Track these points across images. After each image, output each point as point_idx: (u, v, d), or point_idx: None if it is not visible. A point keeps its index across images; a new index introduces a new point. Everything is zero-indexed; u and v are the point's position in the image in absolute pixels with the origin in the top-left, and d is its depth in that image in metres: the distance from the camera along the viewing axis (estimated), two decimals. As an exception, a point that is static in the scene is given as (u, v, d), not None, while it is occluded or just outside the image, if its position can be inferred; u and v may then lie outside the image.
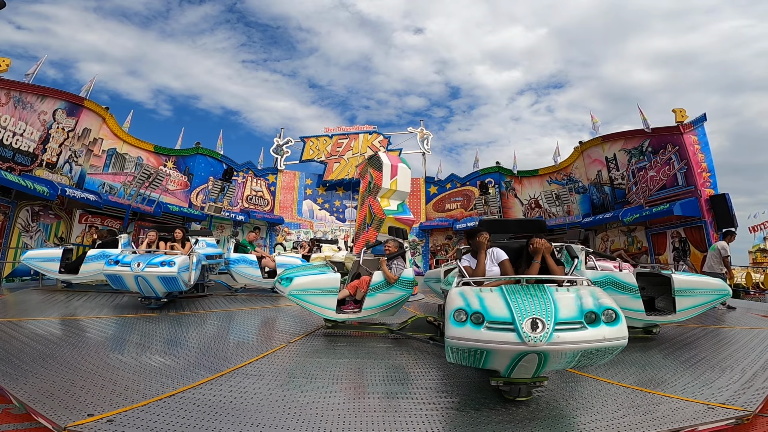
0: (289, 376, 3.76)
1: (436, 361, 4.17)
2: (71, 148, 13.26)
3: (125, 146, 15.85)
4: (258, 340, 5.23)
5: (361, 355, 4.50)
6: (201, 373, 3.63)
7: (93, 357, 4.02)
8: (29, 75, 11.78)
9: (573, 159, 17.56)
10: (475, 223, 19.19)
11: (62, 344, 4.41)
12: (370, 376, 3.77)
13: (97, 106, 14.00)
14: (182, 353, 4.29)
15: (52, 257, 8.50)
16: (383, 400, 3.16)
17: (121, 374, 3.51)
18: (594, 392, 3.33)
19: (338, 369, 3.91)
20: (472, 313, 2.54)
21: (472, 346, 2.52)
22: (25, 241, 11.74)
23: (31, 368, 3.50)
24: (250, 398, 3.06)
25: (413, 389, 3.38)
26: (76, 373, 3.47)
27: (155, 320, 5.98)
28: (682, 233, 12.79)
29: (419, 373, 3.82)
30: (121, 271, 6.28)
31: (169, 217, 15.93)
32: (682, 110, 12.89)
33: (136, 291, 6.69)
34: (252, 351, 4.47)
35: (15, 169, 11.24)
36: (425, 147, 23.71)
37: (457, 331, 2.54)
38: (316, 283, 5.10)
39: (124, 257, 6.50)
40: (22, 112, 11.33)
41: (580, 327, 2.49)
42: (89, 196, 12.94)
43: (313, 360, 4.27)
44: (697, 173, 12.45)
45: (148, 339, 4.87)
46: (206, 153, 19.14)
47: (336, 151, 23.51)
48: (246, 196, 21.14)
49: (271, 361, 4.15)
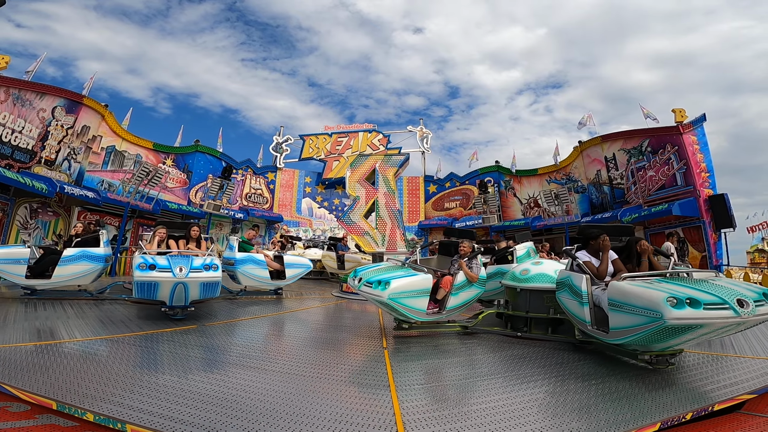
0: (460, 386, 3.69)
1: (539, 350, 4.73)
2: (70, 146, 13.24)
3: (124, 144, 15.83)
4: (351, 347, 4.99)
5: (471, 352, 4.75)
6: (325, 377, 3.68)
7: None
8: (29, 72, 11.77)
9: (572, 158, 17.58)
10: (474, 222, 19.26)
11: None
12: (507, 369, 4.03)
13: (96, 103, 13.98)
14: (300, 365, 4.06)
15: (16, 257, 6.53)
16: (553, 393, 3.35)
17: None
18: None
19: (474, 367, 4.18)
20: (686, 299, 3.16)
21: (696, 323, 3.16)
22: (24, 238, 11.74)
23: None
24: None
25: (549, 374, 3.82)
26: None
27: (207, 333, 5.23)
28: (681, 233, 12.80)
29: (543, 361, 4.28)
30: (159, 278, 5.22)
31: (167, 215, 15.90)
32: (682, 110, 12.90)
33: (160, 300, 5.63)
34: (362, 359, 4.47)
35: (14, 166, 11.23)
36: (425, 146, 23.69)
37: (679, 313, 3.14)
38: (413, 285, 4.91)
39: (160, 261, 5.41)
40: (21, 109, 11.32)
41: (765, 303, 3.23)
42: (88, 194, 12.92)
43: (438, 362, 4.41)
44: (696, 173, 12.46)
45: (251, 358, 4.23)
46: (205, 151, 19.12)
47: (335, 150, 23.50)
48: (245, 194, 21.12)
49: (404, 370, 3.99)
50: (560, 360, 4.33)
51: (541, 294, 5.39)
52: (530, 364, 4.17)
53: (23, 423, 2.70)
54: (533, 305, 5.46)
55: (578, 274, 4.40)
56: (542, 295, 5.39)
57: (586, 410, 2.92)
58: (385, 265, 5.61)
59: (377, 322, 6.56)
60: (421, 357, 4.55)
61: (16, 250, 6.70)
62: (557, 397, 3.24)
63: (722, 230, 12.07)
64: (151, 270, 5.25)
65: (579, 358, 4.43)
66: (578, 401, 3.11)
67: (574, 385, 3.51)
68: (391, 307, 4.83)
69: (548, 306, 5.37)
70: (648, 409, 2.95)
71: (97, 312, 6.19)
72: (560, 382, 3.58)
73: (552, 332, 5.36)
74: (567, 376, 3.75)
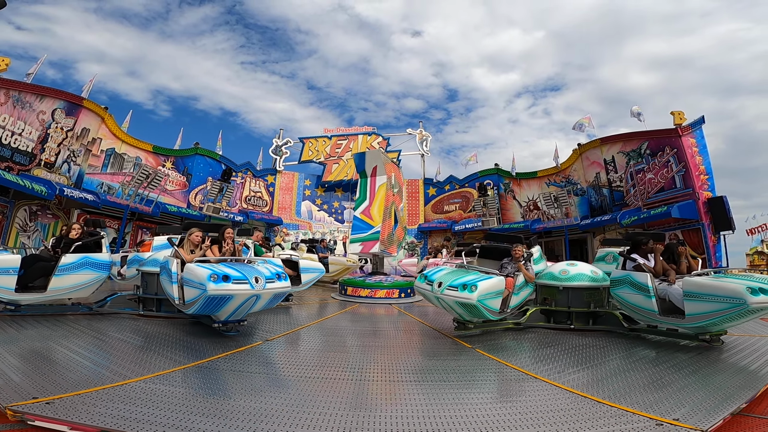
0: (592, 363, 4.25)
1: (598, 340, 5.38)
2: (70, 148, 13.28)
3: (124, 146, 15.87)
4: (440, 351, 4.98)
5: (543, 345, 5.20)
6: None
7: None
8: (30, 75, 11.82)
9: (572, 161, 17.57)
10: (473, 224, 19.31)
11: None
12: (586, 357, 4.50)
13: (96, 105, 14.03)
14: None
15: (2, 266, 5.13)
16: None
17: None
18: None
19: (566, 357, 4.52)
20: (758, 288, 4.04)
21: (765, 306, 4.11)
22: (23, 240, 11.76)
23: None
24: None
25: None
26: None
27: (281, 347, 4.88)
28: (680, 236, 12.77)
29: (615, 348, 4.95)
30: (235, 291, 4.37)
31: (167, 218, 15.93)
32: (681, 113, 12.89)
33: (218, 316, 4.85)
34: (469, 360, 4.52)
35: (13, 169, 11.26)
36: (424, 148, 23.71)
37: (758, 299, 4.01)
38: (494, 287, 5.12)
39: (231, 271, 4.50)
40: (21, 111, 11.36)
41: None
42: (87, 196, 12.96)
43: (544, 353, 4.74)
44: (695, 176, 12.44)
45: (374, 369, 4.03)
46: (205, 153, 19.15)
47: (335, 152, 23.52)
48: (245, 196, 21.14)
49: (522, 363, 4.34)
50: (628, 345, 5.14)
51: (581, 291, 6.10)
52: (611, 352, 4.77)
53: (9, 426, 2.69)
54: (574, 301, 6.11)
55: (640, 273, 5.23)
56: (582, 292, 6.10)
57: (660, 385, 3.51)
58: (446, 269, 5.67)
59: (419, 325, 6.66)
60: (512, 349, 5.02)
61: (2, 258, 5.24)
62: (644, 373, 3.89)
63: (721, 233, 12.04)
64: (225, 282, 4.35)
65: (635, 344, 5.26)
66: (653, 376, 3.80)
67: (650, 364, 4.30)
68: (476, 308, 4.93)
69: (588, 301, 6.10)
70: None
71: (114, 332, 5.12)
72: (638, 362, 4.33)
73: (592, 323, 6.13)
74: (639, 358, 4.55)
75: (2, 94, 10.84)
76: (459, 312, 5.21)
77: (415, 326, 6.64)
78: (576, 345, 5.07)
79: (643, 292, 5.10)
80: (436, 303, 5.44)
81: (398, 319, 7.37)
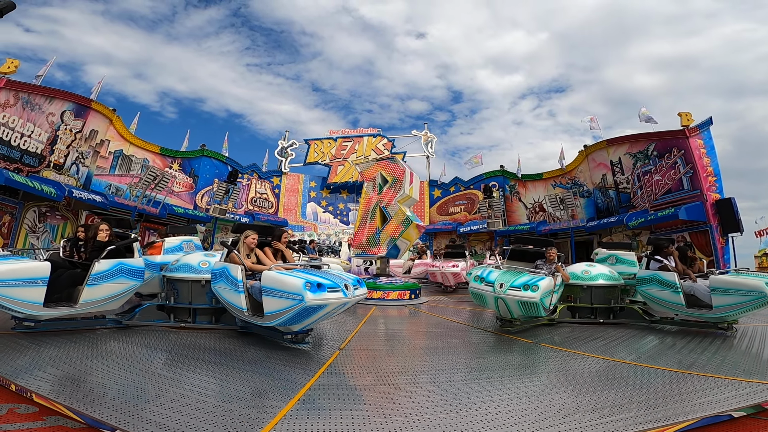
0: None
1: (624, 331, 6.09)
2: (78, 150, 13.38)
3: (132, 148, 15.98)
4: (512, 349, 5.18)
5: (591, 337, 5.67)
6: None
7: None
8: (39, 77, 11.94)
9: (578, 163, 17.52)
10: (479, 226, 19.31)
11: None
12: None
13: (104, 107, 14.13)
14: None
15: (30, 276, 4.24)
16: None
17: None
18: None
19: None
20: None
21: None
22: (32, 241, 11.85)
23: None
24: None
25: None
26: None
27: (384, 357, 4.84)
28: (688, 238, 12.70)
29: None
30: (331, 300, 4.09)
31: (174, 219, 16.02)
32: (688, 114, 12.83)
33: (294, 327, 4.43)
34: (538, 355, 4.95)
35: (22, 170, 11.36)
36: (429, 150, 23.72)
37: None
38: (549, 286, 5.55)
39: (323, 279, 4.18)
40: (30, 113, 11.46)
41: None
42: (95, 198, 13.06)
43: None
44: (702, 177, 12.37)
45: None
46: (211, 155, 19.25)
47: (340, 154, 23.57)
48: (250, 198, 21.22)
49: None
50: (657, 334, 5.96)
51: (602, 289, 6.80)
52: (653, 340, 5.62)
53: (31, 424, 2.72)
54: (596, 297, 6.78)
55: (667, 272, 6.03)
56: (603, 290, 6.80)
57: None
58: (496, 271, 5.97)
59: (456, 325, 6.84)
60: (572, 342, 5.39)
61: (28, 266, 4.32)
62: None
63: (729, 234, 11.96)
64: (320, 290, 4.03)
65: (659, 333, 6.07)
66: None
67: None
68: (537, 306, 5.29)
69: (608, 297, 6.81)
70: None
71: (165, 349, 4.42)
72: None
73: (613, 317, 6.83)
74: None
75: (12, 96, 10.95)
76: (517, 310, 5.51)
77: (456, 326, 6.77)
78: (615, 336, 5.70)
79: (671, 288, 5.87)
80: (492, 303, 5.72)
81: (429, 320, 7.58)
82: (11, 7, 6.72)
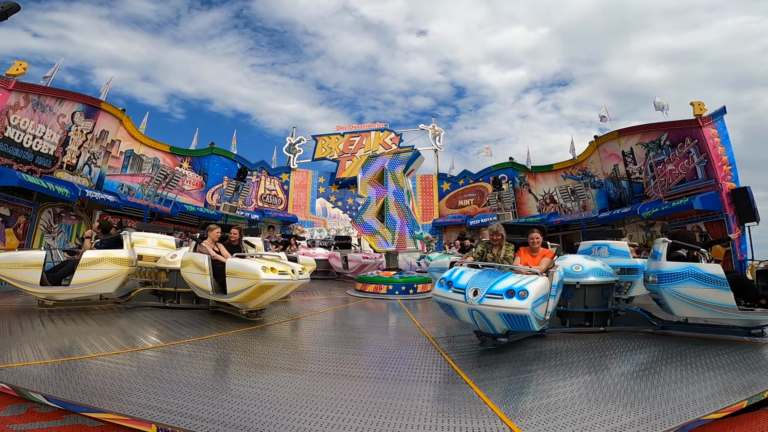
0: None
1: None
2: (90, 150, 13.53)
3: (142, 147, 16.11)
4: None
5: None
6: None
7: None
8: (47, 78, 12.04)
9: (588, 154, 17.30)
10: (489, 219, 19.17)
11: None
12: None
13: (113, 108, 14.25)
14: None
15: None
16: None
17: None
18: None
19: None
20: None
21: None
22: (48, 242, 12.05)
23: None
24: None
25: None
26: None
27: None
28: (703, 227, 12.50)
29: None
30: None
31: (185, 217, 16.17)
32: (701, 103, 12.58)
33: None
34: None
35: (36, 172, 11.53)
36: (437, 143, 23.56)
37: None
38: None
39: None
40: (41, 115, 11.60)
41: None
42: (108, 197, 13.22)
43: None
44: (717, 166, 12.13)
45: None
46: (220, 153, 19.35)
47: (348, 149, 23.54)
48: (260, 195, 21.32)
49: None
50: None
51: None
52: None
53: (51, 423, 2.77)
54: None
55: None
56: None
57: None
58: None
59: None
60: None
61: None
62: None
63: (746, 224, 11.73)
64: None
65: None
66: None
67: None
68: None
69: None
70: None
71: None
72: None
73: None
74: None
75: (22, 98, 11.06)
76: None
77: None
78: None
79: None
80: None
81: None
82: (15, 9, 6.75)
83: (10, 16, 5.63)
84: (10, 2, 5.66)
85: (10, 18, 5.88)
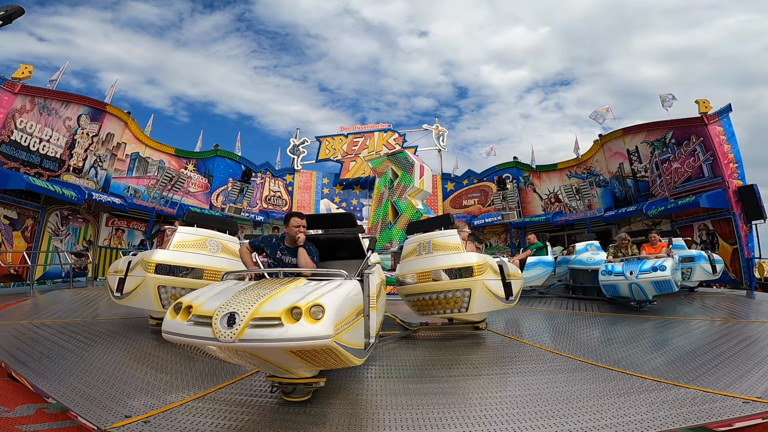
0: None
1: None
2: (96, 153, 13.63)
3: (147, 150, 16.21)
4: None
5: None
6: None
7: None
8: (53, 81, 12.13)
9: (593, 152, 17.22)
10: (493, 218, 19.11)
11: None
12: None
13: (119, 110, 14.35)
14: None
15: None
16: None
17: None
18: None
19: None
20: None
21: None
22: (56, 244, 12.15)
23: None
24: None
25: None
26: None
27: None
28: (710, 226, 12.41)
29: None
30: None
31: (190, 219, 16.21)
32: (706, 101, 12.51)
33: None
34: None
35: (43, 175, 11.62)
36: (441, 143, 23.53)
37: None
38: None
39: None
40: (47, 118, 11.69)
41: None
42: (115, 200, 13.31)
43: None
44: (723, 164, 12.05)
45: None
46: (225, 155, 19.43)
47: (352, 150, 23.56)
48: (264, 196, 21.38)
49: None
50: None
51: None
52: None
53: (59, 424, 2.79)
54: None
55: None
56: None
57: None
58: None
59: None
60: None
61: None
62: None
63: (753, 222, 11.65)
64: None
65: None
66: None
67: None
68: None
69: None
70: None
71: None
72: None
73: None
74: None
75: (28, 102, 11.15)
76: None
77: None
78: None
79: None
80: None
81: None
82: (20, 13, 6.81)
83: (14, 19, 5.69)
84: (15, 6, 5.73)
85: (14, 22, 5.95)
